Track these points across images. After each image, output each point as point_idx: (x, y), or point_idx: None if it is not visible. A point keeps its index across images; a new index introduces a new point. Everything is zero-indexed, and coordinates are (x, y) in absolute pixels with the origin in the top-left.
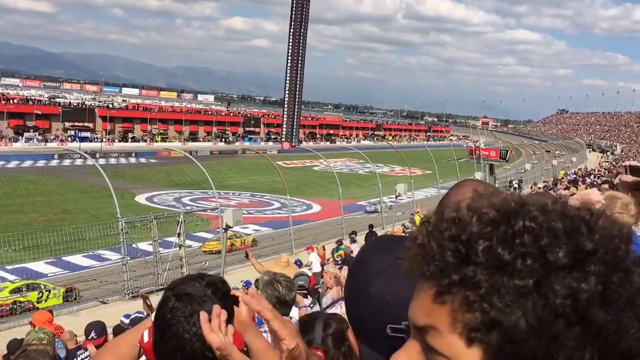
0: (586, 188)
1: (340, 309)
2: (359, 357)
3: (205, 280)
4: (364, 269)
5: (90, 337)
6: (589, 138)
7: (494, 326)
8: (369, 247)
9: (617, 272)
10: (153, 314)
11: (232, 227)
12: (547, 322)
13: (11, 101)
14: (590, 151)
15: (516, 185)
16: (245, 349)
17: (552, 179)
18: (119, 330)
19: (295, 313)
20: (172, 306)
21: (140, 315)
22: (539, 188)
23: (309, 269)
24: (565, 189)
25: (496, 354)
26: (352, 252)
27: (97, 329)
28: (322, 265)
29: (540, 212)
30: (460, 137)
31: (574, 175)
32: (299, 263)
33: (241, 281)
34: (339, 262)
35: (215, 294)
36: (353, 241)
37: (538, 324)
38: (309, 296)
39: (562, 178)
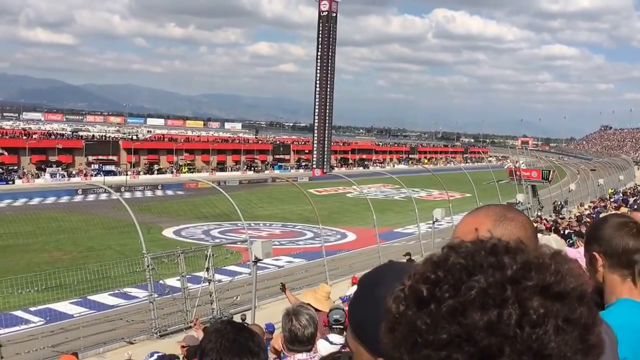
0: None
1: None
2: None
3: None
4: (370, 278)
5: None
6: (637, 155)
7: None
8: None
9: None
10: None
11: (261, 260)
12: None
13: (33, 136)
14: (638, 168)
15: (562, 205)
16: None
17: (598, 199)
18: None
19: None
20: None
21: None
22: (586, 209)
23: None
24: (614, 209)
25: None
26: None
27: None
28: None
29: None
30: (499, 157)
31: (622, 195)
32: (345, 300)
33: (265, 323)
34: None
35: None
36: None
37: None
38: (344, 332)
39: (610, 197)
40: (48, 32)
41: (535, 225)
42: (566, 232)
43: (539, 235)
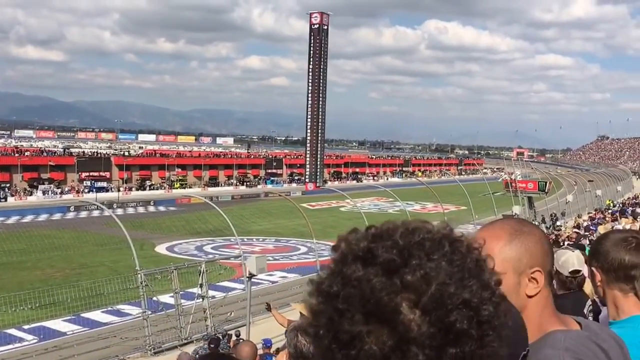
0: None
1: None
2: None
3: None
4: None
5: None
6: (634, 165)
7: None
8: None
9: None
10: None
11: (255, 275)
12: None
13: (25, 153)
14: (637, 178)
15: (557, 216)
16: None
17: (595, 211)
18: None
19: None
20: None
21: None
22: (584, 220)
23: None
24: (612, 221)
25: None
26: None
27: None
28: None
29: None
30: (494, 169)
31: (621, 206)
32: None
33: (261, 339)
34: None
35: None
36: None
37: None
38: None
39: (608, 209)
40: (39, 49)
41: None
42: (565, 243)
43: (561, 250)
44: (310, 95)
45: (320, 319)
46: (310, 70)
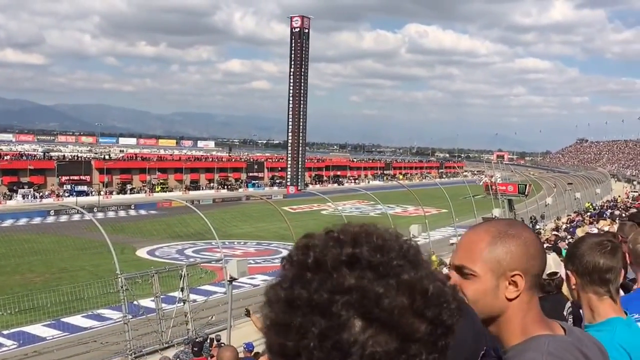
0: (611, 224)
1: None
2: None
3: None
4: None
5: None
6: (613, 167)
7: None
8: None
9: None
10: None
11: (237, 279)
12: None
13: (4, 157)
14: (615, 181)
15: (536, 219)
16: None
17: (574, 213)
18: None
19: None
20: None
21: None
22: (564, 222)
23: None
24: (589, 223)
25: None
26: None
27: None
28: None
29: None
30: (475, 172)
31: (600, 208)
32: None
33: (243, 343)
34: None
35: None
36: None
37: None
38: None
39: (587, 211)
40: (18, 53)
41: None
42: (545, 246)
43: None
44: (291, 98)
45: (309, 331)
46: (292, 73)
